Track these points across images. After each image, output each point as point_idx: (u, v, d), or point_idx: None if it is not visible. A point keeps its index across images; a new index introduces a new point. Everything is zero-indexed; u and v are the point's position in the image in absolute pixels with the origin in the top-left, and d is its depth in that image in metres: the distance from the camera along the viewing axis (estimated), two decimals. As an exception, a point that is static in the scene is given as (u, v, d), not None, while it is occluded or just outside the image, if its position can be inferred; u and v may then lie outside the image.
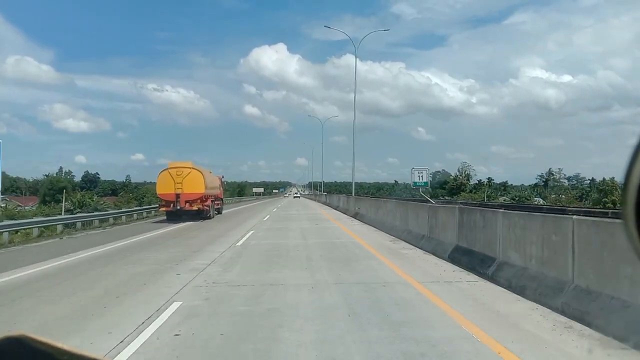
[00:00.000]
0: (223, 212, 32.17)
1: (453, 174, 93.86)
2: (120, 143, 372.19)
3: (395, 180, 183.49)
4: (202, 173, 23.92)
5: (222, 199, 31.83)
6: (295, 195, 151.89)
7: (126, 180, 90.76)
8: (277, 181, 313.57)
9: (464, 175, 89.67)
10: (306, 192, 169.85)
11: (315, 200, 69.21)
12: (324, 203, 49.91)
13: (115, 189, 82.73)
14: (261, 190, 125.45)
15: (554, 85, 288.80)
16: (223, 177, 33.54)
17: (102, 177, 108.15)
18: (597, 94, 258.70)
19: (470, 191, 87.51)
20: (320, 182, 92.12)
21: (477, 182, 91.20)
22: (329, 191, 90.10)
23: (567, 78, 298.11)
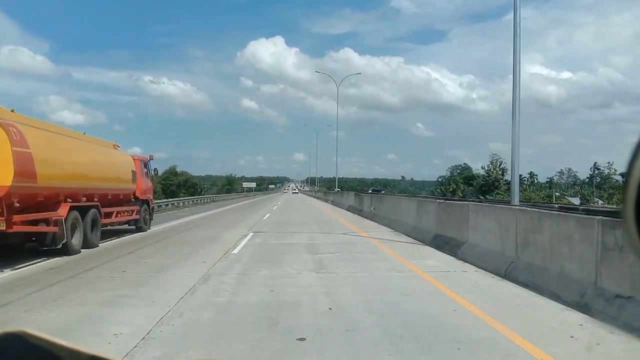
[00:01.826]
0: (156, 226, 16.70)
1: (481, 168, 78.14)
2: (116, 136, 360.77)
3: (402, 176, 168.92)
4: (5, 132, 7.98)
5: (147, 202, 16.08)
6: (293, 191, 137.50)
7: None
8: (275, 176, 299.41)
9: (498, 169, 73.99)
10: (306, 188, 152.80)
11: (326, 202, 42.73)
12: (350, 210, 26.12)
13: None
14: (252, 185, 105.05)
15: (553, 82, 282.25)
16: (152, 158, 17.71)
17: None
18: (597, 91, 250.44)
19: (509, 189, 72.05)
20: (329, 177, 76.48)
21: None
22: (376, 190, 54.53)
23: (566, 75, 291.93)
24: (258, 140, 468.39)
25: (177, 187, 54.59)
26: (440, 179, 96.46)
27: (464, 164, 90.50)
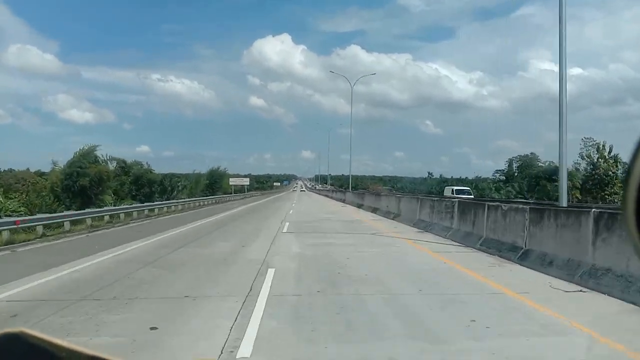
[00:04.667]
0: None
1: (580, 158, 53.21)
2: (125, 134, 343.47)
3: (428, 172, 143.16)
4: None
5: None
6: (301, 189, 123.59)
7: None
8: (282, 174, 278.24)
9: (607, 159, 49.33)
10: (318, 187, 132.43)
11: (391, 219, 20.08)
12: None
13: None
14: (245, 182, 74.09)
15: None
16: None
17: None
18: (608, 87, 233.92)
19: None
20: (338, 175, 51.84)
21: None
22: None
23: (577, 71, 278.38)
24: (266, 138, 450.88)
25: (95, 184, 30.15)
26: (498, 175, 71.93)
27: (531, 153, 65.47)
